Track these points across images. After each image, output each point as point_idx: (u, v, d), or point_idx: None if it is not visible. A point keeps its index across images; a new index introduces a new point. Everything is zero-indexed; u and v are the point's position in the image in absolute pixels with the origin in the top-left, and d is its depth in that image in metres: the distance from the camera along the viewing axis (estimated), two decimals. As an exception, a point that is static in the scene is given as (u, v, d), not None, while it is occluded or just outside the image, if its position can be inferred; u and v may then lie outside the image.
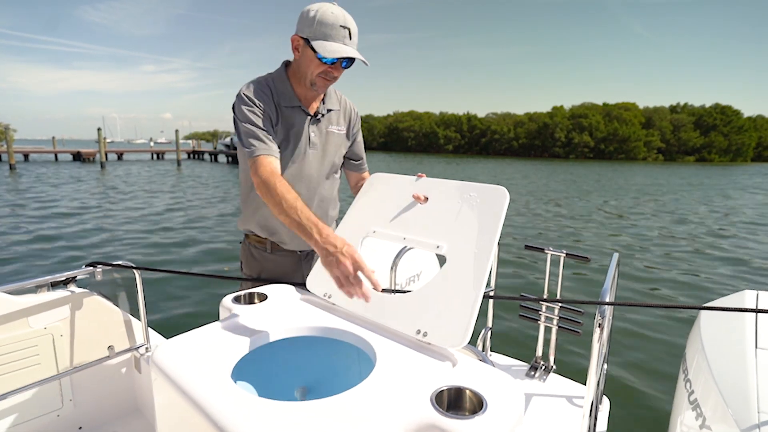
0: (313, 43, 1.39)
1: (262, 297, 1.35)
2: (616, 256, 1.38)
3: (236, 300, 1.32)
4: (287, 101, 1.54)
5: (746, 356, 1.41)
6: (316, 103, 1.62)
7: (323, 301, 1.34)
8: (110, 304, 1.75)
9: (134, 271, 1.64)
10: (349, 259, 1.05)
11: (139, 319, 1.75)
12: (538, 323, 1.70)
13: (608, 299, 1.08)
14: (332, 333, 1.18)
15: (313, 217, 1.20)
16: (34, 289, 1.59)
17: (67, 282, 1.66)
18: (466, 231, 1.23)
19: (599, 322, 1.02)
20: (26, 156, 34.78)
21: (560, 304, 1.64)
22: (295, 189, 1.60)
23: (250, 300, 1.33)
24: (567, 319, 1.63)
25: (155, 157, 43.91)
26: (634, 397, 3.33)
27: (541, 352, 1.76)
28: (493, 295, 1.59)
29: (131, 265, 1.64)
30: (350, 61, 1.47)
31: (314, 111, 1.60)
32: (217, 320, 1.23)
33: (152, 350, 1.77)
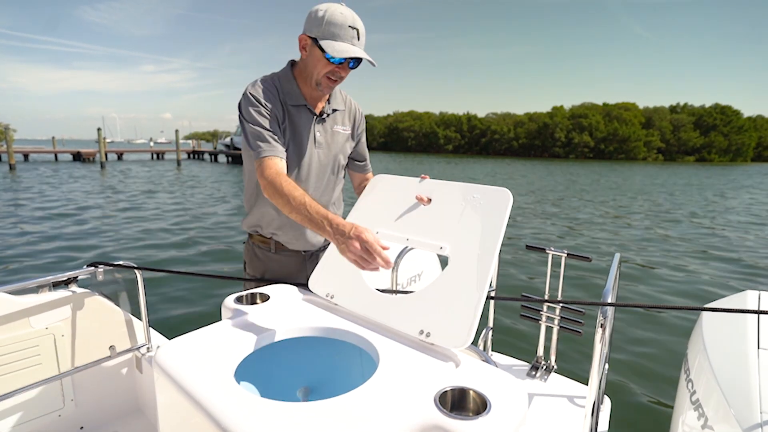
0: (322, 43, 1.40)
1: (264, 297, 1.35)
2: (617, 256, 1.37)
3: (238, 300, 1.32)
4: (293, 100, 1.55)
5: (748, 357, 1.41)
6: (322, 103, 1.62)
7: (326, 301, 1.33)
8: (111, 304, 1.75)
9: (135, 271, 1.64)
10: (357, 239, 1.08)
11: (140, 319, 1.75)
12: (540, 323, 1.70)
13: (610, 299, 1.08)
14: (335, 333, 1.18)
15: (322, 210, 1.22)
16: (36, 289, 1.59)
17: (68, 282, 1.66)
18: (469, 232, 1.22)
19: (601, 323, 1.02)
20: (26, 156, 34.73)
21: (562, 305, 1.63)
22: (303, 189, 1.60)
23: (252, 300, 1.33)
24: (568, 319, 1.62)
25: (155, 157, 43.85)
26: (636, 398, 3.33)
27: (542, 352, 1.76)
28: (494, 295, 1.59)
29: (132, 265, 1.64)
30: (357, 62, 1.48)
31: (320, 111, 1.61)
32: (219, 320, 1.23)
33: (155, 350, 1.77)
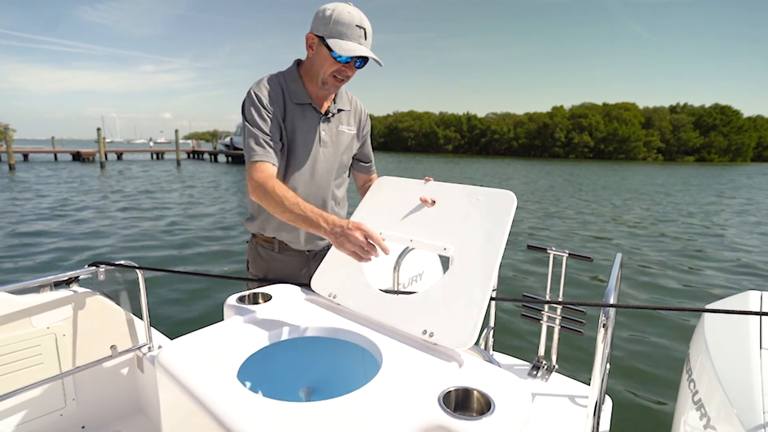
0: (329, 41, 1.41)
1: (267, 297, 1.35)
2: (619, 256, 1.37)
3: (241, 300, 1.32)
4: (298, 99, 1.55)
5: (750, 356, 1.41)
6: (328, 103, 1.63)
7: (328, 301, 1.33)
8: (113, 304, 1.74)
9: (137, 270, 1.64)
10: (357, 231, 1.12)
11: (141, 319, 1.74)
12: (541, 323, 1.70)
13: (612, 300, 1.08)
14: (337, 333, 1.17)
15: (317, 209, 1.26)
16: (37, 288, 1.59)
17: (69, 282, 1.65)
18: (473, 234, 1.22)
19: (603, 323, 1.02)
20: (26, 156, 34.70)
21: (563, 305, 1.63)
22: (306, 187, 1.61)
23: (254, 300, 1.33)
24: (570, 319, 1.62)
25: (155, 156, 43.82)
26: (637, 398, 3.33)
27: (543, 352, 1.76)
28: (495, 296, 1.58)
29: (134, 265, 1.63)
30: (363, 61, 1.48)
31: (325, 110, 1.61)
32: (221, 320, 1.23)
33: (158, 350, 1.77)
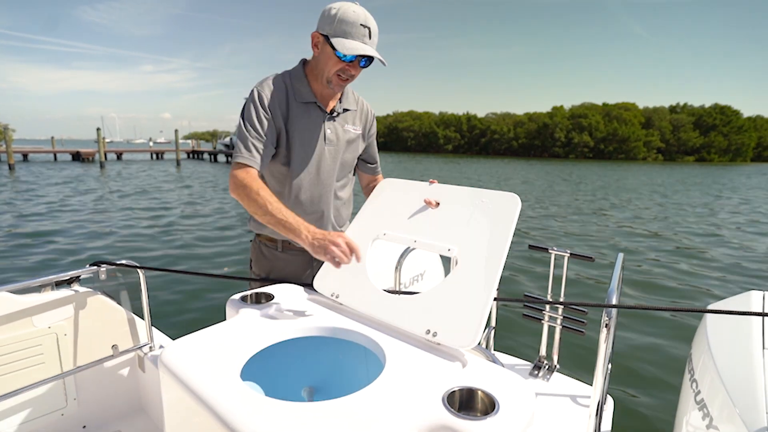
0: (333, 40, 1.41)
1: (269, 297, 1.34)
2: (621, 256, 1.37)
3: (243, 300, 1.32)
4: (303, 98, 1.55)
5: (753, 356, 1.41)
6: (333, 102, 1.63)
7: (331, 301, 1.33)
8: (114, 304, 1.74)
9: (138, 270, 1.64)
10: (341, 237, 1.22)
11: (142, 319, 1.74)
12: (542, 323, 1.69)
13: (615, 300, 1.07)
14: (340, 333, 1.17)
15: (299, 218, 1.34)
16: (38, 288, 1.59)
17: (70, 281, 1.65)
18: (477, 235, 1.22)
19: (606, 323, 1.01)
20: (25, 156, 34.72)
21: (565, 305, 1.63)
22: (311, 185, 1.62)
23: (256, 300, 1.33)
24: (571, 319, 1.62)
25: (155, 156, 43.84)
26: (639, 398, 3.33)
27: (544, 352, 1.76)
28: (497, 296, 1.58)
29: (135, 265, 1.63)
30: (368, 61, 1.48)
31: (330, 109, 1.61)
32: (224, 320, 1.23)
33: (159, 350, 1.76)
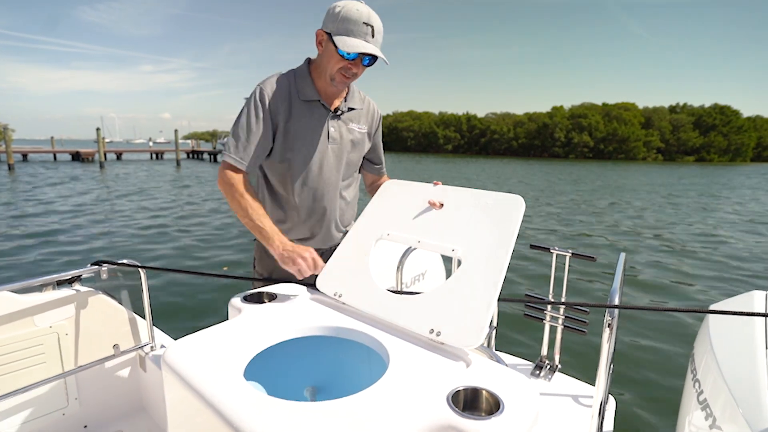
0: (335, 38, 1.41)
1: (272, 296, 1.34)
2: (623, 256, 1.36)
3: (245, 299, 1.32)
4: (306, 96, 1.55)
5: (756, 356, 1.40)
6: (338, 100, 1.62)
7: (333, 300, 1.33)
8: (115, 303, 1.74)
9: (139, 270, 1.63)
10: (308, 251, 1.38)
11: (144, 318, 1.74)
12: (544, 323, 1.69)
13: (617, 300, 1.07)
14: (343, 333, 1.17)
15: (275, 228, 1.45)
16: (40, 288, 1.58)
17: (72, 281, 1.65)
18: (481, 236, 1.22)
19: (608, 323, 1.01)
20: (25, 156, 34.69)
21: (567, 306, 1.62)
22: (314, 183, 1.62)
23: (259, 299, 1.33)
24: (573, 319, 1.62)
25: (154, 156, 43.85)
26: (641, 398, 3.33)
27: (546, 352, 1.76)
28: (499, 297, 1.58)
29: (136, 264, 1.63)
30: (372, 59, 1.48)
31: (335, 107, 1.61)
32: (226, 320, 1.22)
33: (161, 350, 1.76)
